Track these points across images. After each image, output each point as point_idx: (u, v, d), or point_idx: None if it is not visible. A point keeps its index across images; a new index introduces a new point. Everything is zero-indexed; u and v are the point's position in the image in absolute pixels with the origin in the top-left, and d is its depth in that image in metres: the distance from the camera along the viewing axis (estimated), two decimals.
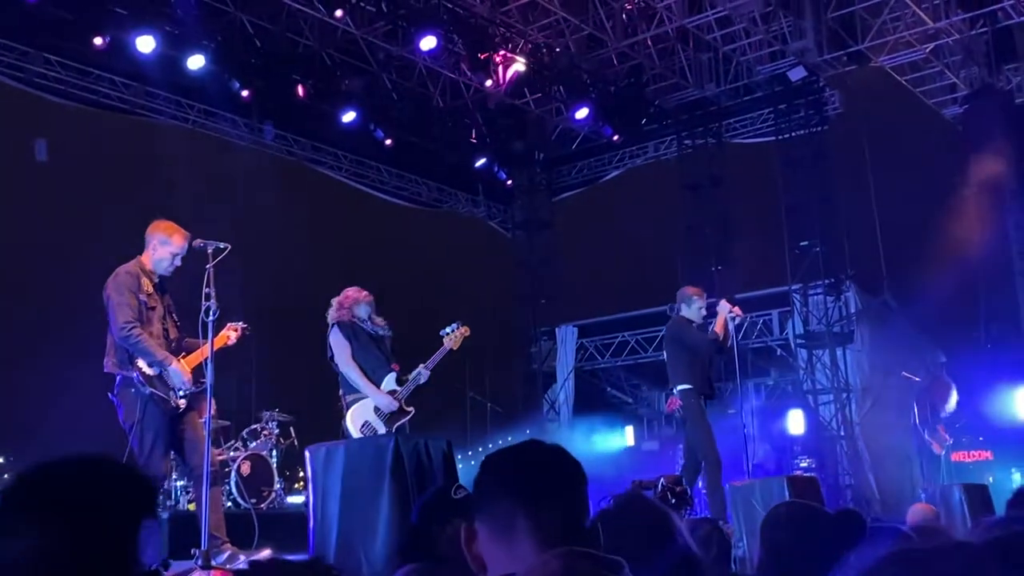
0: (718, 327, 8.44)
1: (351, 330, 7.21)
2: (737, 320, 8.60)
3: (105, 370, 6.00)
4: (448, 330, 7.38)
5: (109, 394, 5.99)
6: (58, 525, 1.44)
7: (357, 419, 7.03)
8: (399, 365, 7.32)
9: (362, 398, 7.10)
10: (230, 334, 6.20)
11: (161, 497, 8.73)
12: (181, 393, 5.98)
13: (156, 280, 6.14)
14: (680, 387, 8.40)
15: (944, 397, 10.92)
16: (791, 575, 2.90)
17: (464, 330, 7.40)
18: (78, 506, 1.47)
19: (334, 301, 7.38)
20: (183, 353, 6.12)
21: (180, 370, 5.94)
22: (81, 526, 1.45)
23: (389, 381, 7.16)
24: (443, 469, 5.47)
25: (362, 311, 7.30)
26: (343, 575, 1.99)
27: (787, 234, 14.59)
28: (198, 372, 6.13)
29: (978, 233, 13.07)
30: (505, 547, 1.77)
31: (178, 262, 6.19)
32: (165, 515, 7.45)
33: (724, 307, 8.52)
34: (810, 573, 2.92)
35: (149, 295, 6.03)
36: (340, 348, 7.17)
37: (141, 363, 5.87)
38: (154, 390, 5.86)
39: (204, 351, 6.09)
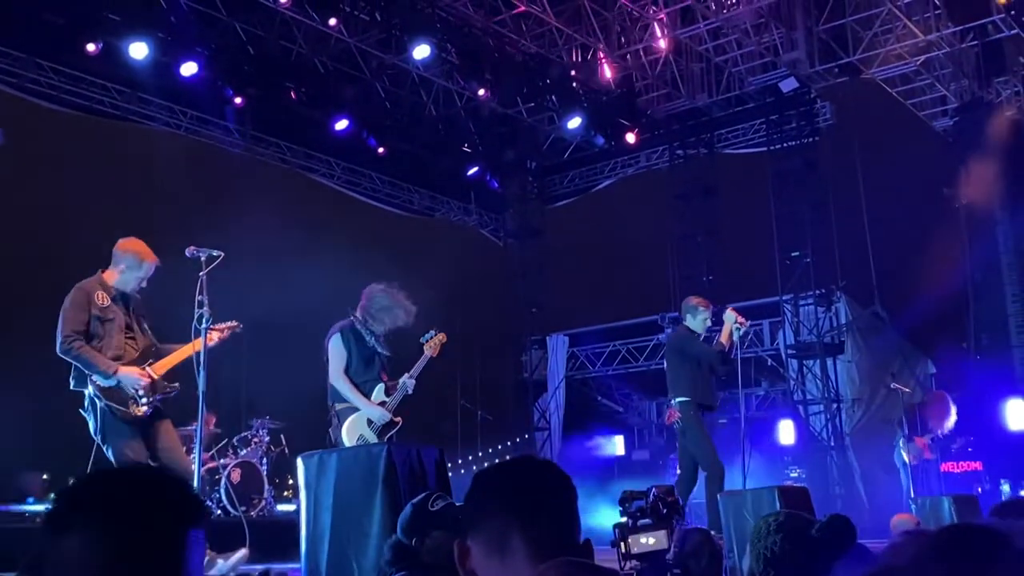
0: (724, 337, 8.19)
1: (352, 339, 6.93)
2: (742, 330, 8.27)
3: (72, 388, 5.94)
4: (426, 337, 7.25)
5: (80, 410, 5.95)
6: (109, 527, 1.53)
7: (352, 433, 6.86)
8: (387, 376, 7.24)
9: (354, 409, 6.97)
10: (212, 335, 6.02)
11: None
12: (144, 400, 5.87)
13: (115, 293, 6.02)
14: (678, 399, 8.23)
15: (941, 416, 10.67)
16: None
17: (441, 336, 7.22)
18: (128, 511, 1.55)
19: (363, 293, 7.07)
20: (151, 361, 6.03)
21: (129, 374, 5.83)
22: (130, 530, 1.54)
23: (379, 392, 6.98)
24: (435, 477, 5.46)
25: (378, 304, 6.99)
26: None
27: (778, 244, 14.62)
28: (177, 376, 6.08)
29: (968, 245, 13.16)
30: (499, 563, 1.78)
31: (144, 284, 6.13)
32: None
33: (731, 316, 8.23)
34: None
35: (104, 308, 5.92)
36: (335, 358, 6.90)
37: (96, 377, 5.80)
38: (110, 402, 5.78)
39: (178, 355, 6.04)
